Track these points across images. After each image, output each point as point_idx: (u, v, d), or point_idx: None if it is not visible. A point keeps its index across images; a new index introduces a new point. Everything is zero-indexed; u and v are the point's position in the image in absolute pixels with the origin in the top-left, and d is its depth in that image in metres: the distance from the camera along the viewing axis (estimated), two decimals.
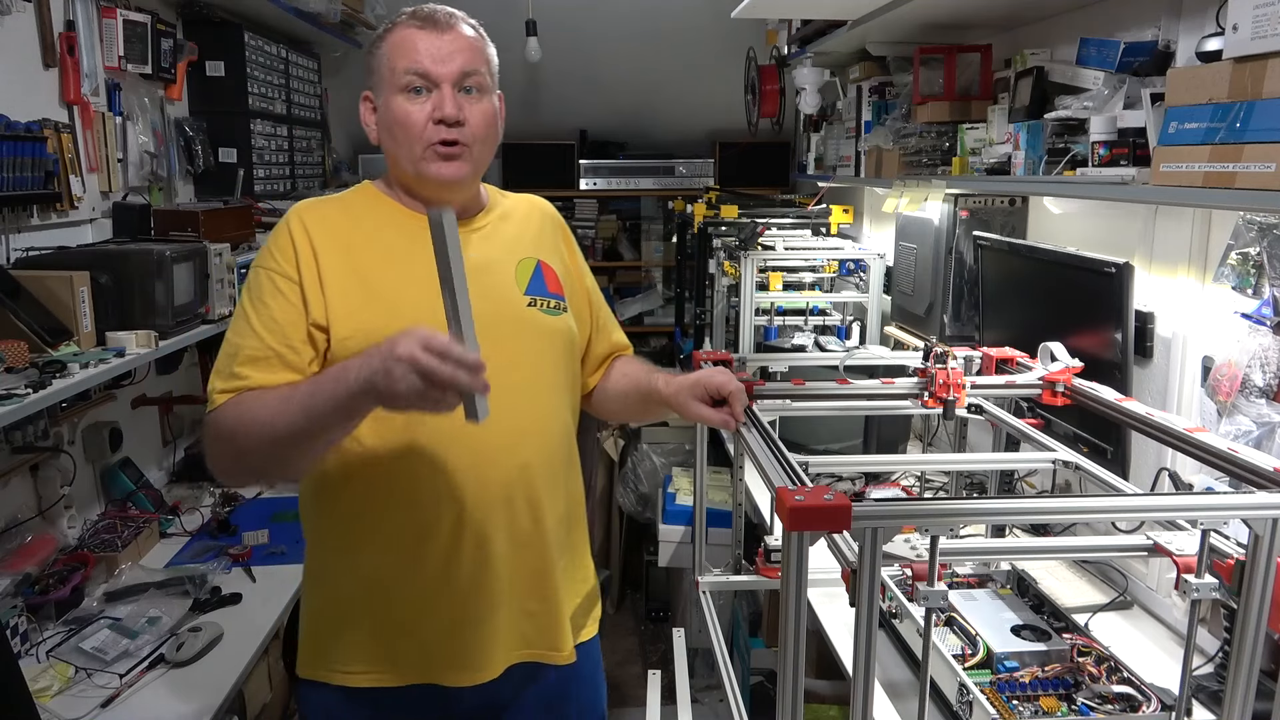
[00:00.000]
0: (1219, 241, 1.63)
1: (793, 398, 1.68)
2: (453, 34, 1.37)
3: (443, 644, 1.39)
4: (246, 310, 1.36)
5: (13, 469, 2.01)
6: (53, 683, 1.71)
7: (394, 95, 1.36)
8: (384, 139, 1.41)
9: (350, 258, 1.37)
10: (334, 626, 1.41)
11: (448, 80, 1.35)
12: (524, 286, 1.46)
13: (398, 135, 1.36)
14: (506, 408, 1.33)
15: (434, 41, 1.35)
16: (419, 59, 1.34)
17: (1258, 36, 1.24)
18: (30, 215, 2.04)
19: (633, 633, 3.98)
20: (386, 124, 1.38)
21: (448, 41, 1.36)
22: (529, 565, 1.42)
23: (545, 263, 1.50)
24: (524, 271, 1.47)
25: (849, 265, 3.23)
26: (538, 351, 1.44)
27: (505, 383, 1.33)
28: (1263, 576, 1.01)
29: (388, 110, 1.37)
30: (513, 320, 1.42)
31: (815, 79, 3.39)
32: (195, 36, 2.85)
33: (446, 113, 1.34)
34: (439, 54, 1.35)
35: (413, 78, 1.34)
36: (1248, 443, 1.47)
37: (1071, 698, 1.37)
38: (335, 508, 1.39)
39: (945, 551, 1.04)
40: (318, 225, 1.38)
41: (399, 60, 1.35)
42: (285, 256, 1.36)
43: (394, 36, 1.37)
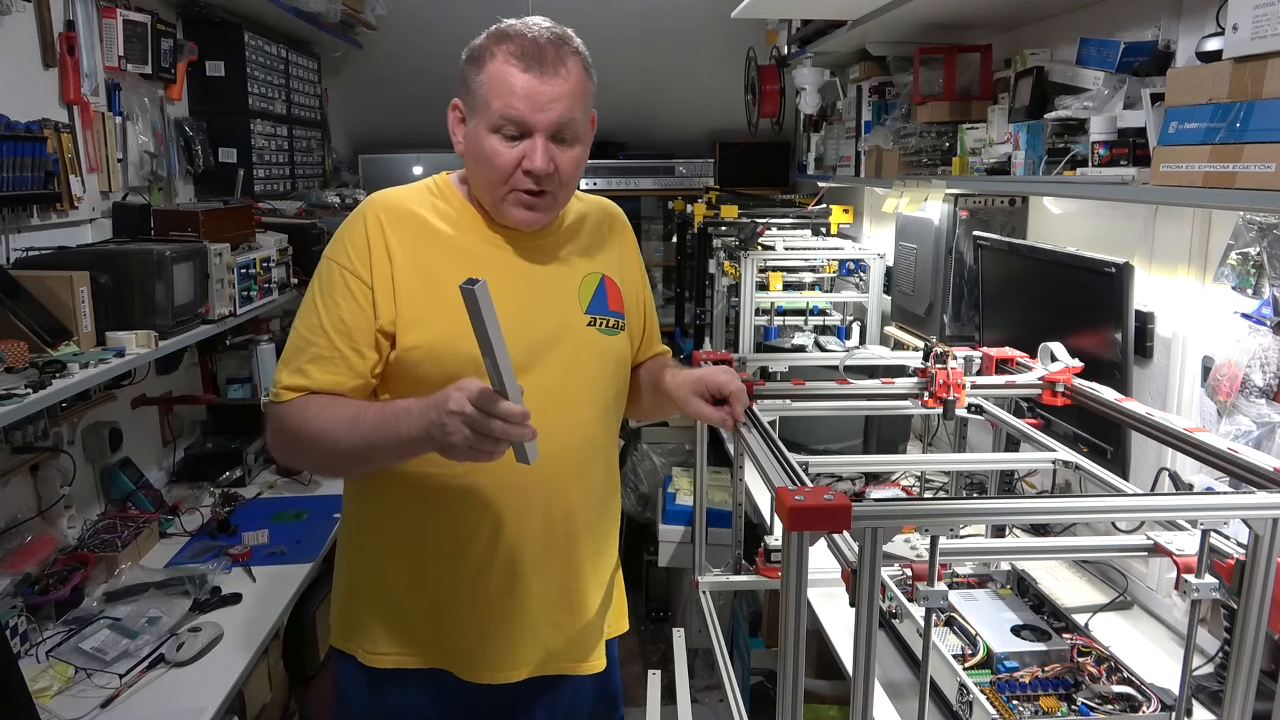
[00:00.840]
0: (1219, 241, 1.63)
1: (793, 398, 1.68)
2: (556, 79, 1.30)
3: (466, 644, 1.41)
4: (316, 304, 1.35)
5: (13, 469, 2.01)
6: (52, 683, 1.71)
7: (485, 130, 1.31)
8: (469, 162, 1.37)
9: (425, 261, 1.35)
10: (363, 606, 1.45)
11: (542, 130, 1.30)
12: (585, 304, 1.44)
13: (484, 169, 1.33)
14: (556, 428, 1.36)
15: (535, 87, 1.28)
16: (516, 106, 1.28)
17: (1258, 36, 1.24)
18: (30, 215, 2.04)
19: (633, 633, 3.95)
20: (473, 152, 1.34)
21: (550, 88, 1.29)
22: (560, 582, 1.44)
23: (609, 278, 1.49)
24: (587, 288, 1.46)
25: (849, 265, 3.23)
26: (591, 372, 1.44)
27: (556, 402, 1.37)
28: (1263, 576, 1.01)
29: (477, 141, 1.33)
30: (571, 340, 1.41)
31: (815, 79, 3.39)
32: (195, 36, 2.85)
33: (537, 166, 1.30)
34: (538, 101, 1.29)
35: (507, 122, 1.29)
36: (1248, 443, 1.47)
37: (1071, 698, 1.37)
38: (379, 502, 1.42)
39: (945, 551, 1.04)
40: (396, 222, 1.35)
41: (495, 98, 1.29)
42: (359, 255, 1.33)
43: (495, 67, 1.30)
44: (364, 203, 1.39)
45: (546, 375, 1.37)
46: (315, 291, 1.36)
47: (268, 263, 2.60)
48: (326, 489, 2.77)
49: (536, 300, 1.39)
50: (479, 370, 1.18)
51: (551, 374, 1.38)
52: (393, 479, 1.37)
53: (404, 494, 1.38)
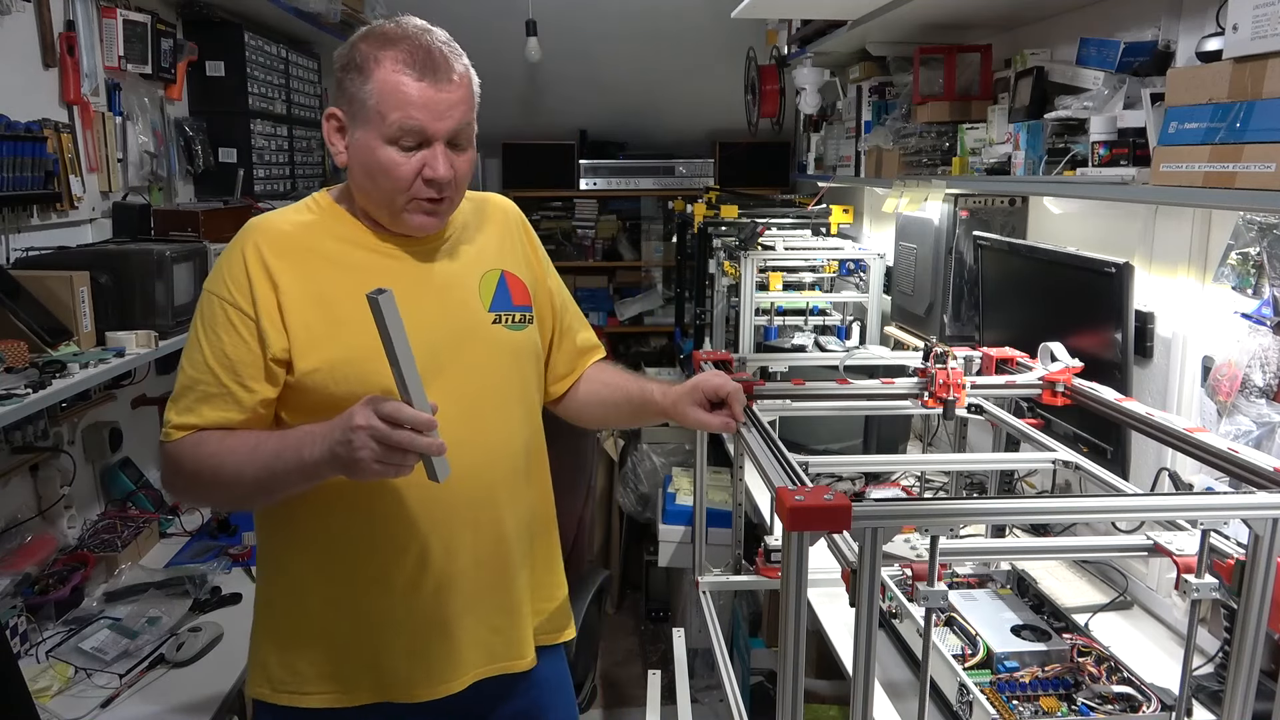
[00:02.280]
0: (1219, 241, 1.63)
1: (793, 398, 1.68)
2: (450, 84, 1.27)
3: (403, 661, 1.36)
4: (200, 339, 1.31)
5: (13, 469, 2.01)
6: (52, 683, 1.71)
7: (379, 142, 1.27)
8: (357, 174, 1.33)
9: (312, 283, 1.31)
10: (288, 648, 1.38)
11: (441, 138, 1.28)
12: (488, 302, 1.42)
13: (379, 182, 1.30)
14: (470, 429, 1.35)
15: (431, 96, 1.26)
16: (414, 116, 1.25)
17: (1258, 36, 1.24)
18: (30, 215, 2.04)
19: (633, 633, 3.98)
20: (365, 164, 1.30)
21: (447, 95, 1.27)
22: (491, 582, 1.41)
23: (509, 272, 1.46)
24: (488, 286, 1.43)
25: (849, 265, 3.23)
26: (501, 369, 1.41)
27: (468, 403, 1.35)
28: (1263, 576, 1.01)
29: (369, 152, 1.28)
30: (476, 339, 1.39)
31: (815, 79, 3.39)
32: (195, 36, 2.85)
33: (440, 175, 1.28)
34: (436, 110, 1.26)
35: (405, 134, 1.26)
36: (1248, 443, 1.47)
37: (1071, 698, 1.37)
38: (293, 530, 1.36)
39: (945, 551, 1.04)
40: (275, 250, 1.31)
41: (390, 109, 1.25)
42: (239, 288, 1.29)
43: (386, 76, 1.26)
44: (241, 230, 1.34)
45: (460, 379, 1.35)
46: (198, 326, 1.32)
47: None
48: None
49: (438, 305, 1.36)
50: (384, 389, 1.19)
51: (465, 377, 1.36)
52: (311, 503, 1.31)
53: (320, 518, 1.33)
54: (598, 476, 4.01)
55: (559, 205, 4.91)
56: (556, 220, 4.92)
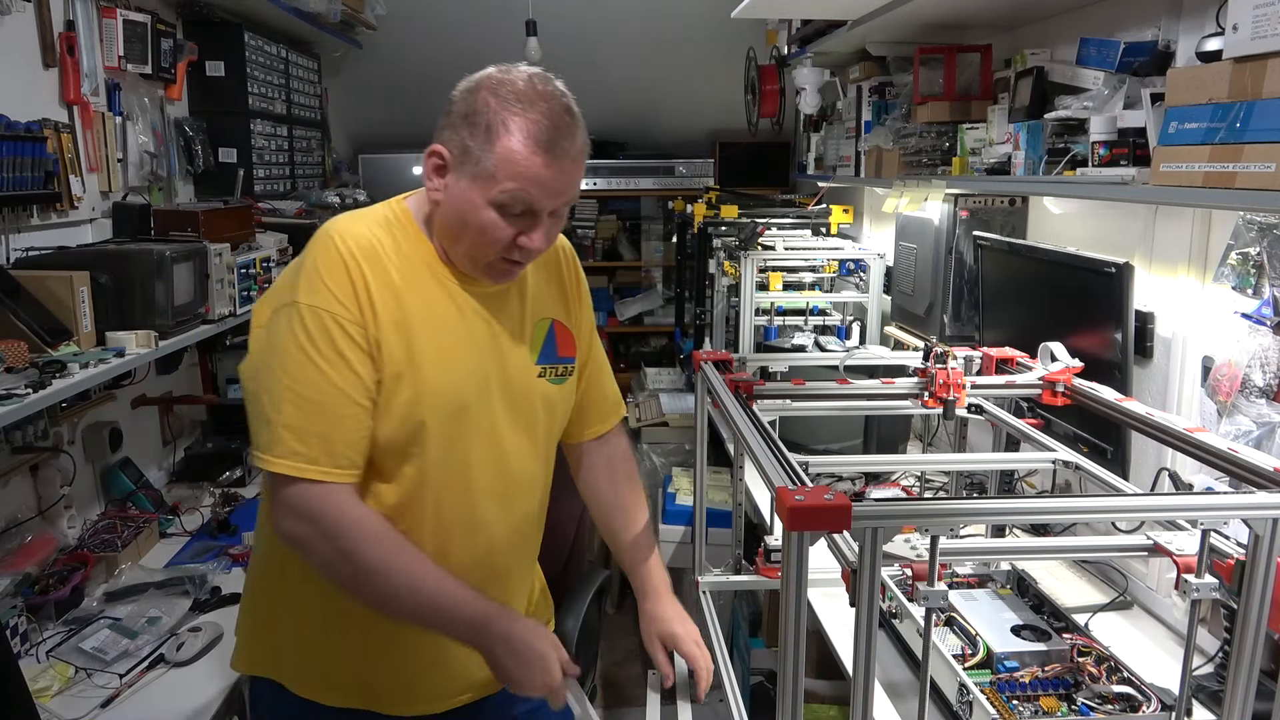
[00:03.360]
0: (1219, 241, 1.63)
1: (793, 398, 1.68)
2: (570, 163, 1.24)
3: (385, 676, 1.36)
4: (313, 359, 1.20)
5: (13, 469, 2.01)
6: (53, 683, 1.71)
7: (483, 200, 1.23)
8: (450, 219, 1.27)
9: (400, 316, 1.26)
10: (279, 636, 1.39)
11: (546, 211, 1.26)
12: (536, 354, 1.41)
13: (473, 236, 1.26)
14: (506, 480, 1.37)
15: (551, 175, 1.23)
16: (529, 192, 1.22)
17: (1258, 36, 1.24)
18: (30, 215, 2.04)
19: (633, 633, 3.96)
20: (461, 215, 1.25)
21: (565, 176, 1.25)
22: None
23: (559, 322, 1.46)
24: (538, 336, 1.42)
25: (849, 265, 3.23)
26: (537, 423, 1.42)
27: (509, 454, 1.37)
28: (1263, 576, 1.01)
29: (471, 208, 1.24)
30: (520, 390, 1.39)
31: (815, 79, 3.39)
32: (195, 36, 2.86)
33: (537, 246, 1.27)
34: (551, 188, 1.24)
35: (515, 204, 1.23)
36: (1248, 443, 1.47)
37: (1071, 698, 1.37)
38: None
39: (945, 551, 1.04)
40: (370, 262, 1.25)
41: (506, 179, 1.21)
42: (348, 296, 1.22)
43: (513, 147, 1.20)
44: (329, 236, 1.26)
45: (497, 427, 1.35)
46: (301, 345, 1.21)
47: (268, 263, 2.60)
48: None
49: (492, 352, 1.35)
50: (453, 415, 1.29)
51: (503, 427, 1.36)
52: None
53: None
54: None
55: None
56: None
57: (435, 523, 1.32)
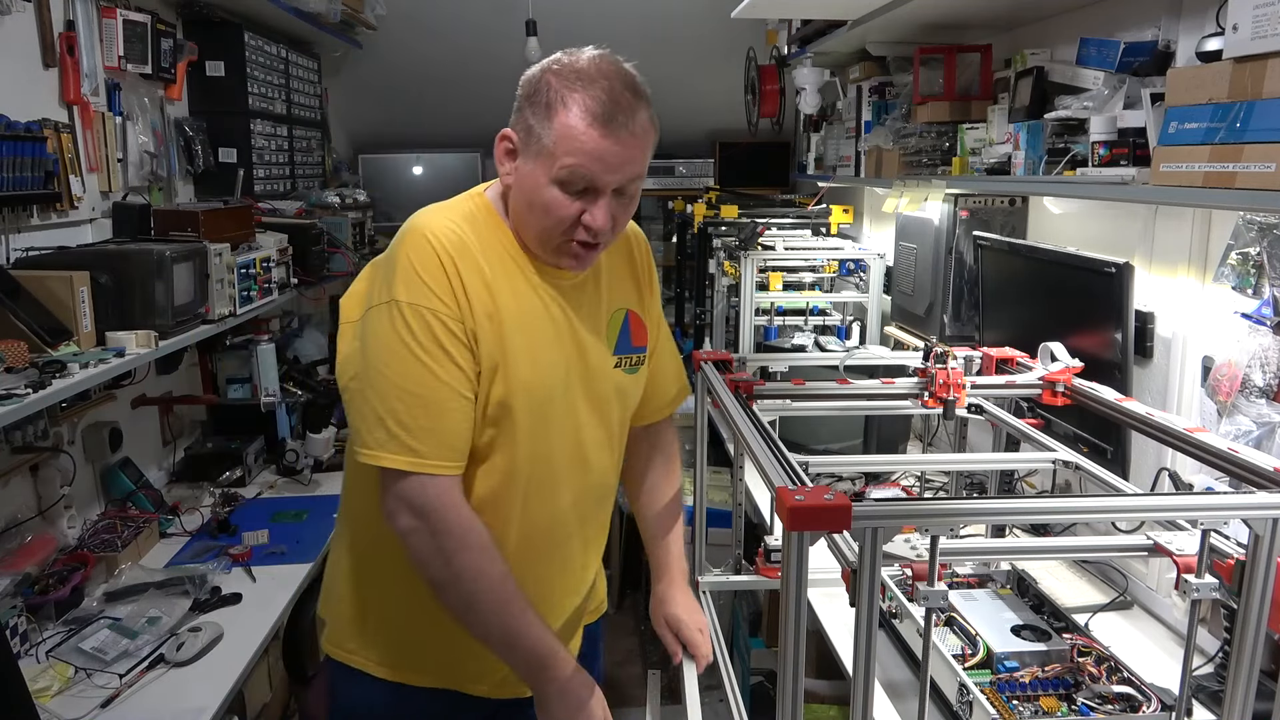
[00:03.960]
0: (1219, 241, 1.63)
1: (793, 398, 1.68)
2: (631, 139, 1.24)
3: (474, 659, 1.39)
4: (419, 357, 1.23)
5: (13, 469, 2.01)
6: (52, 683, 1.71)
7: (546, 179, 1.24)
8: (519, 202, 1.30)
9: (490, 306, 1.28)
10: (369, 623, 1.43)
11: (609, 189, 1.26)
12: (613, 344, 1.44)
13: (539, 216, 1.27)
14: (583, 473, 1.40)
15: (609, 148, 1.22)
16: (587, 166, 1.22)
17: (1258, 36, 1.24)
18: (30, 215, 2.04)
19: (633, 633, 3.98)
20: (528, 196, 1.27)
21: (624, 149, 1.23)
22: (572, 605, 1.48)
23: (633, 312, 1.47)
24: (614, 326, 1.44)
25: (849, 265, 3.24)
26: (613, 413, 1.45)
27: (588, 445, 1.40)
28: (1263, 576, 1.01)
29: (536, 187, 1.26)
30: (599, 380, 1.41)
31: (815, 79, 3.39)
32: (195, 36, 2.85)
33: (599, 225, 1.26)
34: (610, 163, 1.23)
35: (574, 179, 1.24)
36: (1248, 443, 1.47)
37: (1071, 698, 1.37)
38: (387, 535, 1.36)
39: (945, 551, 1.04)
40: (463, 259, 1.27)
41: (564, 153, 1.22)
42: (446, 293, 1.24)
43: (570, 121, 1.22)
44: (420, 233, 1.27)
45: (576, 417, 1.38)
46: (406, 343, 1.23)
47: (268, 263, 2.60)
48: (326, 489, 2.77)
49: (573, 343, 1.37)
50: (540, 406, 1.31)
51: (581, 416, 1.39)
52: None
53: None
54: None
55: None
56: None
57: (523, 514, 1.36)
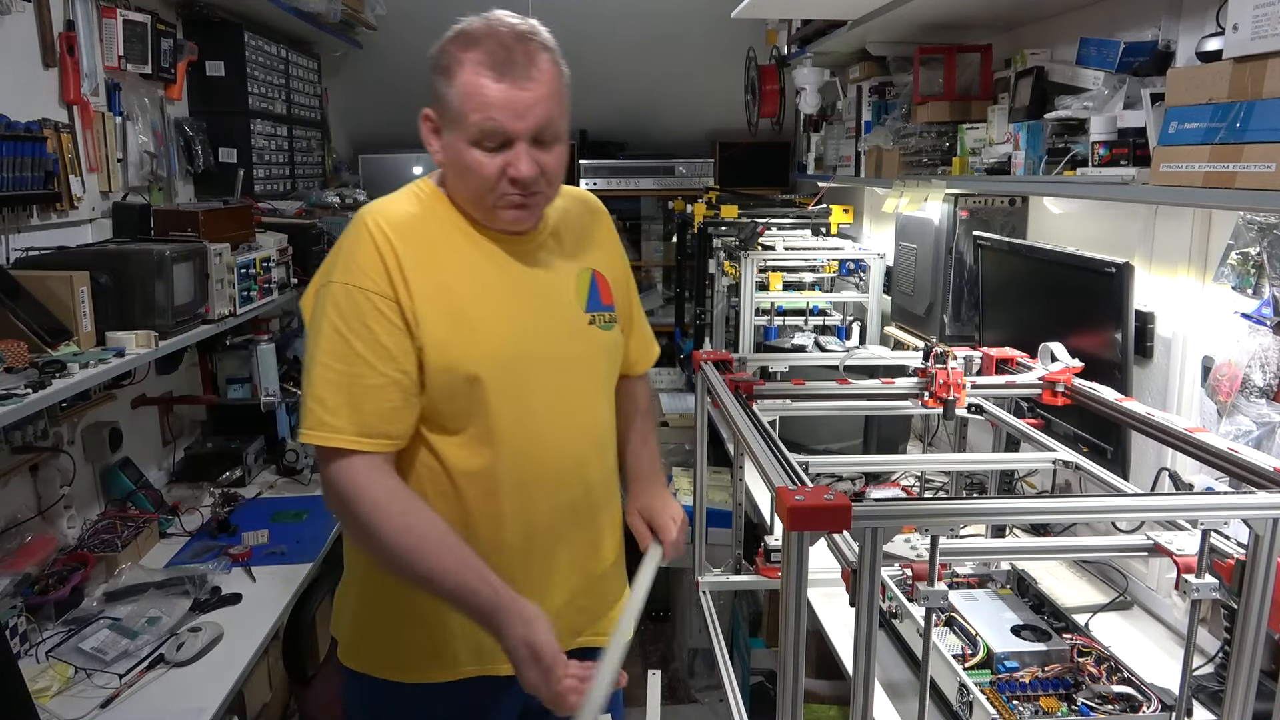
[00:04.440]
0: (1219, 241, 1.63)
1: (793, 398, 1.68)
2: (531, 83, 1.26)
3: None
4: (342, 333, 1.25)
5: (13, 469, 2.01)
6: (52, 683, 1.71)
7: (465, 143, 1.27)
8: (451, 174, 1.34)
9: (436, 283, 1.30)
10: (388, 623, 1.42)
11: (523, 137, 1.27)
12: (584, 302, 1.44)
13: (468, 182, 1.31)
14: (574, 427, 1.39)
15: (511, 96, 1.25)
16: (494, 116, 1.25)
17: (1258, 36, 1.24)
18: (30, 215, 2.04)
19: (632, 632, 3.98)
20: (455, 165, 1.31)
21: (527, 94, 1.25)
22: (587, 570, 1.47)
23: (598, 272, 1.48)
24: (582, 285, 1.45)
25: (849, 265, 3.23)
26: (597, 369, 1.46)
27: (566, 401, 1.39)
28: (1263, 576, 1.01)
29: (457, 154, 1.29)
30: (575, 338, 1.42)
31: (815, 79, 3.39)
32: (195, 36, 2.85)
33: (523, 174, 1.27)
34: (516, 109, 1.25)
35: (487, 135, 1.26)
36: (1248, 443, 1.47)
37: (1071, 698, 1.37)
38: None
39: (945, 551, 1.04)
40: (402, 243, 1.29)
41: (471, 111, 1.25)
42: (377, 272, 1.27)
43: (467, 79, 1.25)
44: (360, 218, 1.32)
45: (559, 377, 1.39)
46: (334, 323, 1.26)
47: (268, 263, 2.60)
48: None
49: (542, 303, 1.39)
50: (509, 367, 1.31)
51: (564, 376, 1.39)
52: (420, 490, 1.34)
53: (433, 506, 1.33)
54: None
55: None
56: None
57: (514, 482, 1.35)
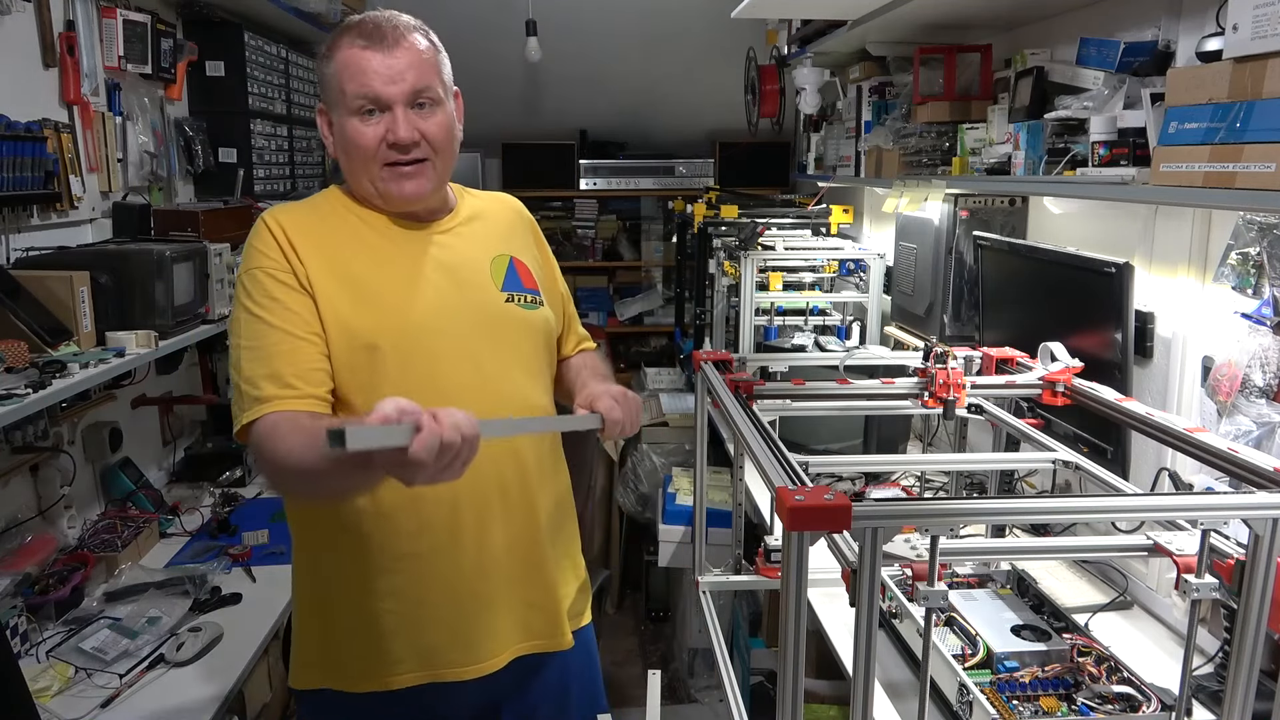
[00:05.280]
0: (1219, 241, 1.63)
1: (793, 398, 1.68)
2: (400, 50, 1.33)
3: (444, 640, 1.39)
4: (254, 313, 1.31)
5: (13, 469, 2.01)
6: (53, 683, 1.71)
7: (346, 117, 1.34)
8: (342, 158, 1.40)
9: (332, 261, 1.36)
10: (331, 634, 1.41)
11: (399, 101, 1.33)
12: (499, 282, 1.46)
13: (354, 156, 1.36)
14: (496, 401, 1.38)
15: (382, 61, 1.32)
16: (368, 82, 1.32)
17: (1258, 36, 1.24)
18: (30, 215, 2.04)
19: (633, 633, 3.98)
20: (342, 144, 1.38)
21: (397, 59, 1.33)
22: (525, 556, 1.45)
23: (518, 259, 1.51)
24: (498, 268, 1.48)
25: (849, 265, 3.23)
26: (520, 345, 1.46)
27: (493, 379, 1.39)
28: (1263, 576, 1.01)
29: (342, 131, 1.36)
30: (492, 315, 1.43)
31: (815, 79, 3.39)
32: (195, 36, 2.85)
33: (401, 136, 1.33)
34: (388, 74, 1.32)
35: (363, 101, 1.33)
36: (1248, 443, 1.47)
37: (1071, 698, 1.37)
38: (330, 517, 1.37)
39: (945, 551, 1.04)
40: (294, 229, 1.36)
41: (348, 83, 1.33)
42: (274, 251, 1.34)
43: (341, 55, 1.34)
44: (260, 217, 1.39)
45: (481, 354, 1.40)
46: (246, 306, 1.32)
47: None
48: None
49: (452, 282, 1.41)
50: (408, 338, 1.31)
51: (486, 352, 1.40)
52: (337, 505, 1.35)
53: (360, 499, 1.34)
54: (598, 476, 4.01)
55: (559, 205, 4.91)
56: (556, 220, 4.92)
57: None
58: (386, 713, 1.41)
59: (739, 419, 1.41)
